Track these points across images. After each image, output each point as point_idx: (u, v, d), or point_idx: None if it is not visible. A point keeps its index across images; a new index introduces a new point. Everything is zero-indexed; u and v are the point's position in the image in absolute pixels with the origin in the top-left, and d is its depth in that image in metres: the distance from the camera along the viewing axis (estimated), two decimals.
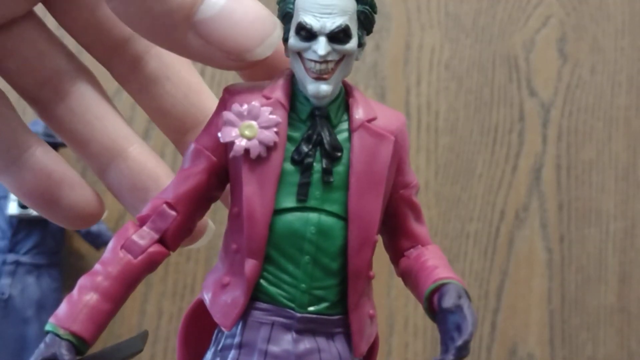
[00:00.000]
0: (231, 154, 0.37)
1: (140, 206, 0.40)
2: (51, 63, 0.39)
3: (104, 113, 0.40)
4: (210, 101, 0.42)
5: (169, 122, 0.42)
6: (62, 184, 0.39)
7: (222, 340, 0.38)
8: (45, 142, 0.41)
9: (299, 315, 0.37)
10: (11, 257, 0.96)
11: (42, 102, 0.40)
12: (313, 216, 0.37)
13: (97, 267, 0.37)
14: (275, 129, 0.37)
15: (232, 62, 0.33)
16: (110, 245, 0.38)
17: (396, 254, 0.42)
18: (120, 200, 0.41)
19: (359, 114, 0.38)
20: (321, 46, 0.36)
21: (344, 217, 0.38)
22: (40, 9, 0.40)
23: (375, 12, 0.38)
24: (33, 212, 0.87)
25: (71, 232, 1.01)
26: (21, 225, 0.96)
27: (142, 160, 0.41)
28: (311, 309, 0.38)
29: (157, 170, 0.41)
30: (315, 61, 0.37)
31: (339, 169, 0.38)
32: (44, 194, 0.39)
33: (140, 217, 0.38)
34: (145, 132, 1.05)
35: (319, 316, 0.38)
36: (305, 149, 0.38)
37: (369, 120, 0.38)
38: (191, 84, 0.43)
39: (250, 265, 0.37)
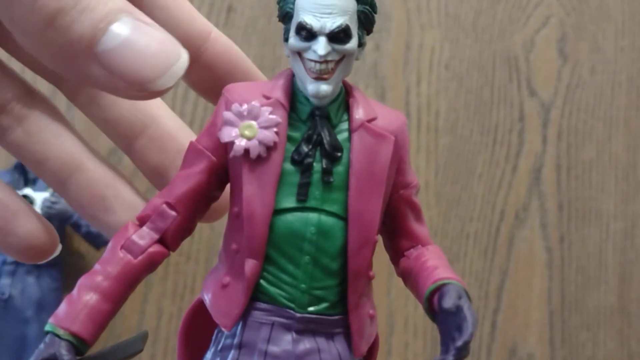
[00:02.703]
0: (231, 154, 0.37)
1: (100, 216, 0.41)
2: (6, 91, 0.40)
3: (60, 131, 0.41)
4: (154, 105, 0.43)
5: (118, 131, 0.43)
6: (18, 214, 0.40)
7: (222, 341, 0.38)
8: None
9: (298, 315, 0.37)
10: (11, 257, 0.95)
11: (3, 127, 0.40)
12: (313, 216, 0.37)
13: (97, 267, 0.37)
14: (275, 129, 0.37)
15: (135, 92, 0.34)
16: (109, 245, 0.38)
17: (396, 254, 0.42)
18: (80, 212, 0.42)
19: (359, 114, 0.38)
20: (321, 46, 0.36)
21: (344, 217, 0.38)
22: None
23: (375, 12, 0.38)
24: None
25: (71, 232, 1.01)
26: None
27: (100, 171, 0.41)
28: (311, 309, 0.38)
29: (114, 179, 0.42)
30: (316, 61, 0.37)
31: (339, 169, 0.38)
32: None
33: (140, 217, 0.38)
34: None
35: (319, 316, 0.38)
36: (305, 149, 0.38)
37: (369, 120, 0.38)
38: None
39: (250, 265, 0.37)
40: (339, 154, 0.38)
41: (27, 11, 0.32)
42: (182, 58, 0.34)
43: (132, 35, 0.32)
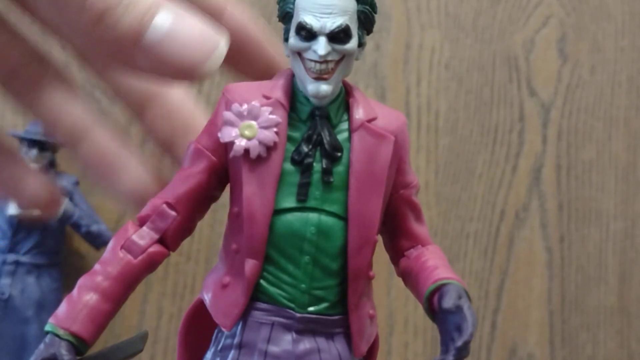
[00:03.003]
0: (231, 154, 0.37)
1: (108, 180, 0.41)
2: (19, 54, 0.41)
3: (71, 96, 0.42)
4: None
5: (129, 99, 0.44)
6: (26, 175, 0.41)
7: (222, 340, 0.38)
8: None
9: (299, 315, 0.37)
10: (11, 257, 0.96)
11: (16, 88, 0.42)
12: (313, 216, 0.37)
13: (97, 267, 0.37)
14: (275, 129, 0.37)
15: (182, 78, 0.35)
16: (110, 245, 0.38)
17: (396, 254, 0.42)
18: (89, 176, 0.43)
19: (359, 114, 0.38)
20: (321, 46, 0.37)
21: (344, 217, 0.38)
22: None
23: (375, 12, 0.38)
24: (33, 212, 0.87)
25: (71, 232, 1.01)
26: (21, 225, 0.96)
27: (110, 138, 0.42)
28: (311, 309, 0.38)
29: (124, 147, 0.42)
30: (316, 61, 0.37)
31: (339, 169, 0.38)
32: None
33: (140, 217, 0.38)
34: None
35: (319, 316, 0.38)
36: (305, 149, 0.38)
37: (369, 120, 0.38)
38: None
39: (250, 265, 0.37)
40: (339, 154, 0.38)
41: (77, 12, 0.33)
42: (222, 42, 0.35)
43: (174, 25, 0.34)
